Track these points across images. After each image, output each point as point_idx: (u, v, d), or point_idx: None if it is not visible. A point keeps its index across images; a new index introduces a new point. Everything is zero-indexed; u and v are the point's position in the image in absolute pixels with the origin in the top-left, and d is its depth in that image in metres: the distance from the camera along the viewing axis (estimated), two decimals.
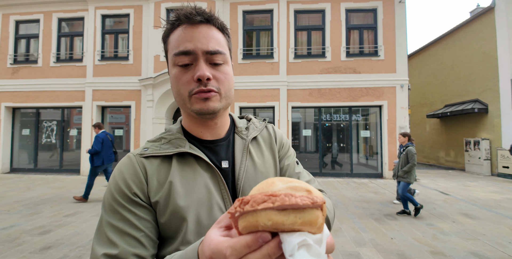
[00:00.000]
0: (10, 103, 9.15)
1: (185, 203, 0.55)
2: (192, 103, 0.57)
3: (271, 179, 0.30)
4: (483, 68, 9.55)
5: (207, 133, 0.64)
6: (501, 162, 8.42)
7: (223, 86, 0.59)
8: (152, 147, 0.61)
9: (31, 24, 9.41)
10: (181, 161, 0.59)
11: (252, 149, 0.68)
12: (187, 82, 0.56)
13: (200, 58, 0.56)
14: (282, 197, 0.25)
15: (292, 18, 8.58)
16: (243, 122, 0.75)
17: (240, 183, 0.62)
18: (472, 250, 3.03)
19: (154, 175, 0.57)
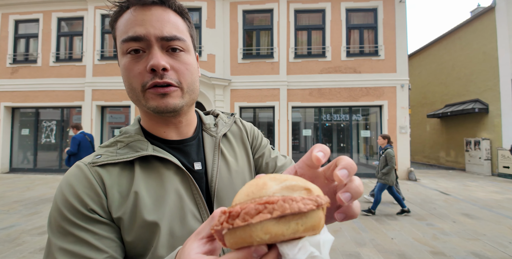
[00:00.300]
0: (9, 103, 9.14)
1: (155, 216, 0.47)
2: (147, 99, 0.49)
3: (261, 179, 0.25)
4: (484, 68, 9.54)
5: (172, 133, 0.56)
6: (502, 162, 8.41)
7: (184, 78, 0.50)
8: (106, 153, 0.51)
9: (30, 24, 9.40)
10: (145, 167, 0.51)
11: (224, 147, 0.62)
12: (139, 73, 0.48)
13: (154, 44, 0.47)
14: (281, 204, 0.21)
15: (292, 17, 8.57)
16: (210, 118, 0.68)
17: (214, 185, 0.55)
18: (472, 250, 3.02)
19: (114, 186, 0.48)
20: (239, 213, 0.21)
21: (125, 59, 0.49)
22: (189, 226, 0.49)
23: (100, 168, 0.48)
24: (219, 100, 8.28)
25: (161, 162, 0.52)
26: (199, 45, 8.36)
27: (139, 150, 0.51)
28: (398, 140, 8.07)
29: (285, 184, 0.24)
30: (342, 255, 2.88)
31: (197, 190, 0.52)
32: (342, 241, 3.26)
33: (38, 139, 9.38)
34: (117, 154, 0.51)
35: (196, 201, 0.52)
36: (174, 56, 0.50)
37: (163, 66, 0.47)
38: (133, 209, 0.47)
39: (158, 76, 0.47)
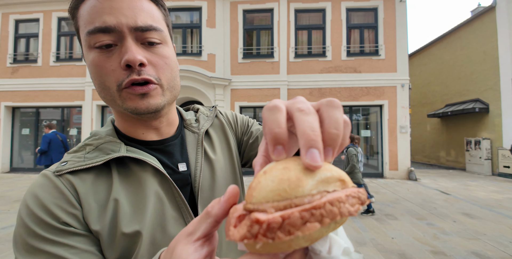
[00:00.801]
0: (9, 103, 9.14)
1: (136, 226, 0.42)
2: (123, 99, 0.43)
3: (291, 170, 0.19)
4: (484, 68, 9.53)
5: (151, 134, 0.51)
6: (502, 162, 8.41)
7: (164, 74, 0.45)
8: (72, 159, 0.45)
9: (30, 23, 9.39)
10: (122, 171, 0.46)
11: (206, 144, 0.57)
12: (113, 71, 0.41)
13: (127, 36, 0.41)
14: (329, 209, 0.17)
15: (293, 17, 8.56)
16: (191, 114, 0.63)
17: (198, 186, 0.51)
18: (473, 249, 3.02)
19: (89, 195, 0.42)
20: (280, 224, 0.17)
21: (93, 54, 0.42)
22: (171, 233, 0.45)
23: (72, 176, 0.43)
24: (220, 99, 8.28)
25: (138, 164, 0.47)
26: (199, 44, 8.36)
27: (110, 152, 0.45)
28: (398, 140, 8.07)
29: (320, 177, 0.19)
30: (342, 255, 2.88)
31: (178, 193, 0.47)
32: None
33: (38, 139, 9.38)
34: (85, 159, 0.45)
35: (179, 205, 0.47)
36: (151, 49, 0.44)
37: (140, 61, 0.41)
38: (113, 220, 0.42)
39: (135, 73, 0.41)
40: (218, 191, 0.54)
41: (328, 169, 0.20)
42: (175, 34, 8.59)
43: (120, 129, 0.51)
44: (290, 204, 0.18)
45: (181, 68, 7.93)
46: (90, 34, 0.41)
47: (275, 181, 0.19)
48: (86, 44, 0.42)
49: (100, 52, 0.42)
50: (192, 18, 8.60)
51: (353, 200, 0.19)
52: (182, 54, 8.32)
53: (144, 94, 0.43)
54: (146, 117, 0.47)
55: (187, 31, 8.53)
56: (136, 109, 0.43)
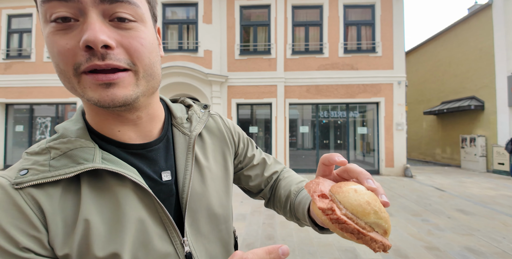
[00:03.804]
0: (3, 99, 9.01)
1: (113, 247, 0.36)
2: (83, 87, 0.35)
3: (371, 205, 0.31)
4: (480, 65, 9.58)
5: (129, 132, 0.43)
6: (497, 159, 8.50)
7: (140, 58, 0.36)
8: (34, 167, 0.36)
9: (23, 18, 9.23)
10: (94, 184, 0.38)
11: (198, 150, 0.51)
12: (69, 50, 0.33)
13: (90, 9, 0.33)
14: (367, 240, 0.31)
15: (290, 13, 8.50)
16: (181, 109, 0.55)
17: (186, 197, 0.45)
18: (466, 245, 3.05)
19: (56, 214, 0.35)
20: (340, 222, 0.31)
21: (49, 28, 0.34)
22: (156, 250, 0.40)
23: (35, 190, 0.35)
24: (216, 96, 8.23)
25: (115, 177, 0.39)
26: (196, 41, 8.28)
27: (82, 161, 0.37)
28: (394, 137, 8.11)
29: (378, 221, 0.32)
30: (338, 251, 2.89)
31: (161, 208, 0.41)
32: (338, 237, 3.28)
33: (32, 136, 9.28)
34: (50, 168, 0.36)
35: (162, 220, 0.42)
36: (122, 28, 0.35)
37: (104, 42, 0.32)
38: (83, 242, 0.35)
39: (98, 56, 0.33)
40: (208, 202, 0.48)
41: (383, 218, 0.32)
42: (171, 30, 8.50)
43: (92, 125, 0.42)
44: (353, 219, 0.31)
45: (177, 64, 7.85)
46: (44, 3, 0.33)
47: (361, 203, 0.31)
48: (42, 17, 0.34)
49: (56, 26, 0.33)
50: (188, 13, 8.50)
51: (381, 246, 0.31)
52: (178, 50, 8.24)
53: (109, 84, 0.34)
54: (116, 110, 0.39)
55: (183, 27, 8.44)
56: (99, 102, 0.35)
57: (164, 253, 0.41)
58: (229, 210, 0.53)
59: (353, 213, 0.31)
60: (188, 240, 0.44)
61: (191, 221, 0.46)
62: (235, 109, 8.42)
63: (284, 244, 0.26)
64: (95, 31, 0.32)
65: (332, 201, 0.33)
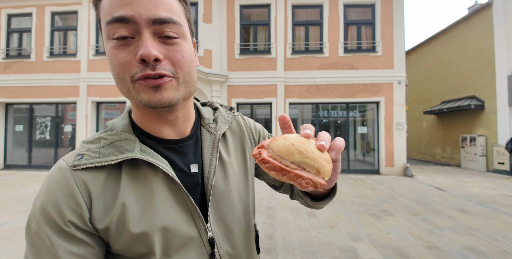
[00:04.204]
0: (3, 99, 9.00)
1: (144, 227, 0.43)
2: (137, 91, 0.43)
3: (295, 147, 0.35)
4: (480, 65, 9.57)
5: (168, 130, 0.51)
6: (497, 158, 8.50)
7: (181, 68, 0.44)
8: (88, 153, 0.45)
9: (23, 18, 9.22)
10: (133, 171, 0.46)
11: (222, 147, 0.58)
12: (127, 62, 0.41)
13: (144, 29, 0.41)
14: (292, 176, 0.34)
15: (290, 13, 8.49)
16: (209, 111, 0.63)
17: (210, 188, 0.51)
18: (467, 245, 3.05)
19: (100, 196, 0.43)
20: (268, 164, 0.35)
21: (110, 43, 0.42)
22: (183, 233, 0.46)
23: (85, 173, 0.43)
24: (216, 96, 8.23)
25: (150, 166, 0.47)
26: (196, 40, 8.25)
27: (124, 151, 0.45)
28: (394, 137, 8.11)
29: (305, 160, 0.34)
30: (338, 250, 2.89)
31: (188, 197, 0.47)
32: (338, 236, 3.28)
33: (32, 135, 9.28)
34: (99, 154, 0.45)
35: (189, 208, 0.48)
36: (168, 43, 0.43)
37: (155, 57, 0.40)
38: (120, 220, 0.43)
39: (150, 67, 0.41)
40: (229, 194, 0.55)
41: (315, 160, 0.35)
42: None
43: (137, 123, 0.51)
44: (277, 159, 0.35)
45: None
46: (108, 25, 0.41)
47: (285, 145, 0.35)
48: (106, 35, 0.43)
49: (117, 43, 0.42)
50: None
51: (311, 183, 0.33)
52: None
53: (157, 87, 0.43)
54: (160, 111, 0.47)
55: None
56: (149, 102, 0.43)
57: (190, 236, 0.47)
58: (248, 204, 0.59)
59: (279, 154, 0.35)
60: (211, 226, 0.50)
61: (214, 210, 0.52)
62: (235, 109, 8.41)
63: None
64: (148, 47, 0.40)
65: (265, 148, 0.38)
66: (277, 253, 2.81)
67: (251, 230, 0.59)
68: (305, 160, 0.34)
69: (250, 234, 0.58)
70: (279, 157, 0.35)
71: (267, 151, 0.37)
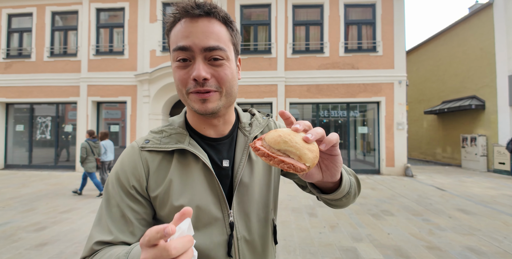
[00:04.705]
0: (3, 99, 9.01)
1: (183, 201, 0.56)
2: (190, 101, 0.57)
3: (282, 137, 0.41)
4: (481, 65, 9.56)
5: (210, 130, 0.64)
6: (497, 158, 8.49)
7: (224, 84, 0.56)
8: (153, 140, 0.61)
9: (24, 18, 9.23)
10: (181, 158, 0.60)
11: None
12: (184, 79, 0.55)
13: (198, 55, 0.54)
14: (276, 161, 0.40)
15: (290, 12, 8.49)
16: (247, 116, 0.73)
17: (237, 181, 0.61)
18: (467, 245, 3.05)
19: (155, 172, 0.58)
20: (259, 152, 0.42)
21: (175, 64, 0.56)
22: (210, 213, 0.58)
23: (148, 153, 0.60)
24: None
25: (193, 156, 0.60)
26: None
27: (177, 142, 0.60)
28: (395, 137, 8.10)
29: (288, 149, 0.40)
30: (339, 250, 2.89)
31: (218, 185, 0.59)
32: (339, 237, 3.28)
33: (33, 135, 9.29)
34: (160, 142, 0.60)
35: (218, 194, 0.59)
36: (215, 65, 0.55)
37: (204, 77, 0.53)
38: (166, 193, 0.57)
39: (200, 84, 0.54)
40: (252, 189, 0.64)
41: (297, 148, 0.40)
42: None
43: (189, 121, 0.66)
44: (267, 147, 0.42)
45: None
46: (174, 51, 0.55)
47: (274, 136, 0.42)
48: (172, 57, 0.57)
49: (179, 64, 0.55)
50: None
51: (292, 167, 0.39)
52: None
53: (205, 100, 0.55)
54: (206, 116, 0.59)
55: None
56: (198, 110, 0.56)
57: (215, 216, 0.59)
58: (268, 200, 0.68)
59: (269, 144, 0.42)
60: (233, 213, 0.61)
61: (238, 200, 0.62)
62: None
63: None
64: (199, 70, 0.53)
65: (260, 140, 0.45)
66: (278, 253, 2.81)
67: (269, 223, 0.68)
68: (288, 148, 0.40)
69: (268, 226, 0.67)
70: (269, 146, 0.42)
71: (261, 141, 0.44)
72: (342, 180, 0.59)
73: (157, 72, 8.09)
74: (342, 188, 0.59)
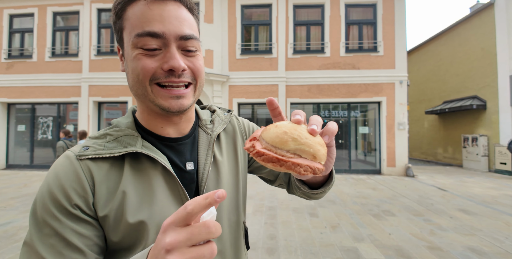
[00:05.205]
0: (5, 99, 9.04)
1: (141, 216, 0.46)
2: (156, 96, 0.47)
3: (287, 134, 0.34)
4: (482, 65, 9.54)
5: (169, 129, 0.55)
6: (499, 159, 8.47)
7: (199, 76, 0.51)
8: (94, 145, 0.49)
9: (25, 18, 9.25)
10: (134, 164, 0.49)
11: (216, 147, 0.61)
12: (152, 69, 0.46)
13: (172, 44, 0.46)
14: (289, 165, 0.32)
15: (291, 13, 8.49)
16: (207, 113, 0.66)
17: (204, 185, 0.54)
18: (469, 245, 3.04)
19: (103, 183, 0.46)
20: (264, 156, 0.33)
21: (136, 51, 0.46)
22: None
23: (91, 162, 0.47)
24: (218, 96, 8.23)
25: (150, 160, 0.50)
26: None
27: (127, 145, 0.49)
28: (396, 137, 8.09)
29: (300, 147, 0.33)
30: (340, 251, 2.89)
31: (183, 191, 0.51)
32: (340, 237, 3.27)
33: (34, 135, 9.31)
34: (105, 147, 0.49)
35: (183, 201, 0.51)
36: (190, 56, 0.49)
37: (183, 68, 0.47)
38: (119, 208, 0.45)
39: (175, 75, 0.47)
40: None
41: (308, 145, 0.34)
42: None
43: (140, 121, 0.55)
44: (272, 150, 0.34)
45: None
46: (138, 37, 0.45)
47: (278, 134, 0.34)
48: (132, 44, 0.47)
49: (144, 52, 0.46)
50: None
51: (309, 169, 0.32)
52: None
53: (179, 97, 0.48)
54: (172, 114, 0.51)
55: None
56: (169, 108, 0.48)
57: None
58: (238, 202, 0.61)
59: (273, 144, 0.34)
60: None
61: None
62: (236, 109, 8.41)
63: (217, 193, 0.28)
64: (178, 60, 0.46)
65: (257, 140, 0.36)
66: (279, 253, 2.81)
67: (240, 227, 0.62)
68: (300, 147, 0.33)
69: (239, 230, 0.61)
70: (274, 147, 0.34)
71: (260, 142, 0.35)
72: (332, 172, 0.56)
73: None
74: (333, 181, 0.57)
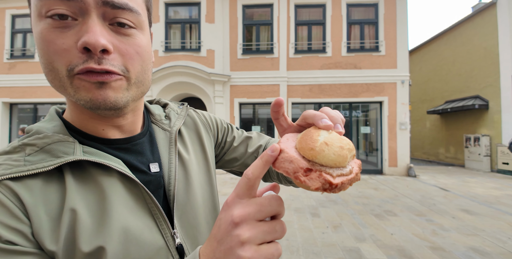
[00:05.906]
0: (7, 99, 9.08)
1: (99, 240, 0.35)
2: (76, 87, 0.34)
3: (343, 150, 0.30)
4: (484, 64, 9.50)
5: (113, 130, 0.43)
6: (501, 159, 8.43)
7: (133, 65, 0.37)
8: (7, 162, 0.35)
9: (27, 19, 9.28)
10: (78, 175, 0.37)
11: (179, 144, 0.52)
12: (65, 50, 0.32)
13: (92, 10, 0.33)
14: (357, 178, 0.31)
15: (293, 12, 8.48)
16: (158, 108, 0.57)
17: (173, 189, 0.45)
18: (471, 245, 3.03)
19: (38, 206, 0.34)
20: (337, 184, 0.29)
21: (43, 24, 0.33)
22: (147, 242, 0.39)
23: (13, 183, 0.33)
24: (219, 96, 8.24)
25: (100, 168, 0.39)
26: (198, 40, 8.28)
27: (61, 155, 0.36)
28: (398, 137, 8.07)
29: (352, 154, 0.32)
30: (342, 251, 2.89)
31: (151, 198, 0.41)
32: (342, 237, 3.27)
33: None
34: (25, 162, 0.35)
35: (153, 212, 0.41)
36: (121, 33, 0.35)
37: (103, 47, 0.32)
38: (70, 236, 0.34)
39: (94, 60, 0.33)
40: (193, 194, 0.49)
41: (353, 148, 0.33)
42: (173, 30, 8.51)
43: (72, 123, 0.41)
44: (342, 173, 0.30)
45: (179, 64, 7.87)
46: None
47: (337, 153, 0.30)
48: (36, 11, 0.33)
49: (52, 24, 0.32)
50: (191, 13, 8.50)
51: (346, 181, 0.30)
52: (181, 49, 8.25)
53: (102, 83, 0.34)
54: (103, 114, 0.39)
55: (186, 26, 8.45)
56: (91, 101, 0.35)
57: (155, 245, 0.39)
58: (214, 201, 0.55)
59: (337, 166, 0.30)
60: (179, 232, 0.44)
61: (180, 213, 0.46)
62: (237, 109, 8.42)
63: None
64: (96, 34, 0.32)
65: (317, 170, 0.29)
66: None
67: None
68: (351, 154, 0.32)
69: None
70: (339, 169, 0.30)
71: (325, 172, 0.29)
72: None
73: (159, 72, 8.10)
74: None
